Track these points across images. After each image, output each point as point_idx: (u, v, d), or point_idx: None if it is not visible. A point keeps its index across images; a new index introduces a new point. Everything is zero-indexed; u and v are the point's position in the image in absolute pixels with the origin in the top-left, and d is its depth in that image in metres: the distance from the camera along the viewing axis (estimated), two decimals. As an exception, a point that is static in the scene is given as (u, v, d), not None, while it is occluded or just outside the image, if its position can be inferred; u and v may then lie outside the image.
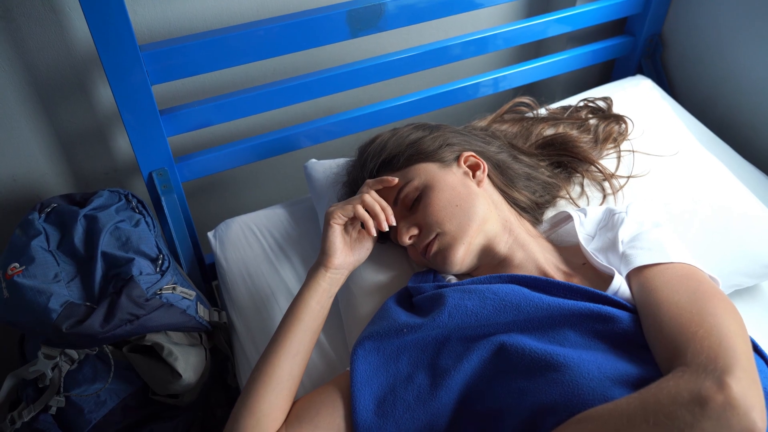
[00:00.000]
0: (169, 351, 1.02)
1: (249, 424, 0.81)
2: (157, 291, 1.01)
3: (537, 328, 0.81)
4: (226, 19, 1.23)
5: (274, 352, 0.86)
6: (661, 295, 0.78)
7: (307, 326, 0.89)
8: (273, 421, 0.82)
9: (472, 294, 0.84)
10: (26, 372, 1.00)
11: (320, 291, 0.91)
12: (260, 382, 0.83)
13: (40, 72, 1.14)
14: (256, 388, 0.83)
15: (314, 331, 0.90)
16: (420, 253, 0.95)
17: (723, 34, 1.43)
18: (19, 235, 1.05)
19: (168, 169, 1.16)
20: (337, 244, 0.92)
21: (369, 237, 0.96)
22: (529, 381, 0.74)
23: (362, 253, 0.96)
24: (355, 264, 0.96)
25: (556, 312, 0.80)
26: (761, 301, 1.15)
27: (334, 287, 0.93)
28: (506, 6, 1.53)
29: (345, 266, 0.93)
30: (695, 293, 0.77)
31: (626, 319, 0.79)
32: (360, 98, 1.49)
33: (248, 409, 0.82)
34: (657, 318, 0.75)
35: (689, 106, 1.51)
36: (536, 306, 0.81)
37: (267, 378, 0.83)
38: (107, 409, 1.03)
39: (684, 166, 1.17)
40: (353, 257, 0.95)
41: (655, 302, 0.77)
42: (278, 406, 0.83)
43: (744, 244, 1.10)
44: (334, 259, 0.91)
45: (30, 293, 0.95)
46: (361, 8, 1.14)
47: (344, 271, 0.94)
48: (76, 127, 1.24)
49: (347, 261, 0.94)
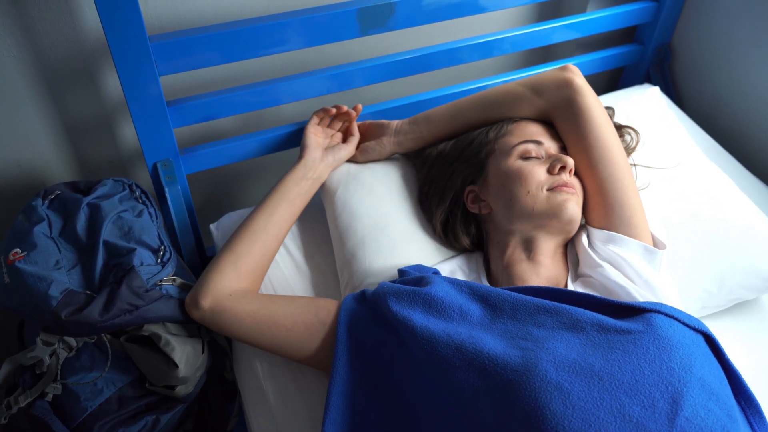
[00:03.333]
0: (166, 341, 1.02)
1: (229, 258, 0.99)
2: (158, 282, 1.01)
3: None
4: (236, 13, 1.23)
5: (252, 213, 1.04)
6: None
7: (282, 196, 1.06)
8: (248, 267, 0.99)
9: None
10: (24, 358, 1.00)
11: (294, 173, 1.09)
12: (239, 232, 1.02)
13: (49, 59, 1.14)
14: (235, 234, 1.02)
15: (289, 201, 1.06)
16: (563, 182, 0.96)
17: (732, 45, 1.42)
18: (21, 221, 1.05)
19: (173, 160, 1.16)
20: (310, 141, 1.13)
21: (344, 146, 1.15)
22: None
23: (340, 152, 1.14)
24: (332, 161, 1.13)
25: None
26: (761, 315, 1.15)
27: (310, 173, 1.10)
28: (517, 10, 1.53)
29: (317, 158, 1.12)
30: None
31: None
32: (366, 97, 1.49)
33: (228, 248, 1.00)
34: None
35: (696, 116, 1.51)
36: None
37: (244, 228, 1.02)
38: (103, 398, 1.03)
39: (687, 176, 1.17)
40: (329, 154, 1.13)
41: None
42: (253, 254, 1.00)
43: (745, 257, 1.10)
44: (306, 151, 1.12)
45: (30, 279, 0.96)
46: (372, 6, 1.14)
47: (317, 163, 1.11)
48: (83, 115, 1.24)
49: (320, 154, 1.12)
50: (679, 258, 1.08)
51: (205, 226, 1.35)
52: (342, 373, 0.87)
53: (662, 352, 0.74)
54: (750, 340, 1.10)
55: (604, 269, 0.91)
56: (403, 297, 0.87)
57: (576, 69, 1.04)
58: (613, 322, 0.78)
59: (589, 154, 0.98)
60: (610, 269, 0.91)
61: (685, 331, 0.78)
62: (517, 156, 1.00)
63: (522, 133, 1.03)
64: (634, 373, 0.72)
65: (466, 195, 1.05)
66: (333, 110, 1.15)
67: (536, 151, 1.00)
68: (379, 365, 0.87)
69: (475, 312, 0.84)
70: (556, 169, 0.96)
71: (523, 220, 0.96)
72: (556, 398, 0.69)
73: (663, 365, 0.72)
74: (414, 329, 0.83)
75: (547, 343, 0.76)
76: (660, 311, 0.79)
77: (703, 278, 1.09)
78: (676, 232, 1.10)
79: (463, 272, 1.01)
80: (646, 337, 0.75)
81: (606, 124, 1.00)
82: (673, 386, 0.71)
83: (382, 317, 0.88)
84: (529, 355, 0.74)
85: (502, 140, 1.04)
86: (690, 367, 0.72)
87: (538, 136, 1.02)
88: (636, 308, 0.81)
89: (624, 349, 0.74)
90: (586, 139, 0.99)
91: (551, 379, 0.71)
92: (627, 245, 0.94)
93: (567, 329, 0.79)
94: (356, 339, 0.89)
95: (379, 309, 0.89)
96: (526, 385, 0.71)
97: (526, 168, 0.97)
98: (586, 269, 0.95)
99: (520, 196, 0.95)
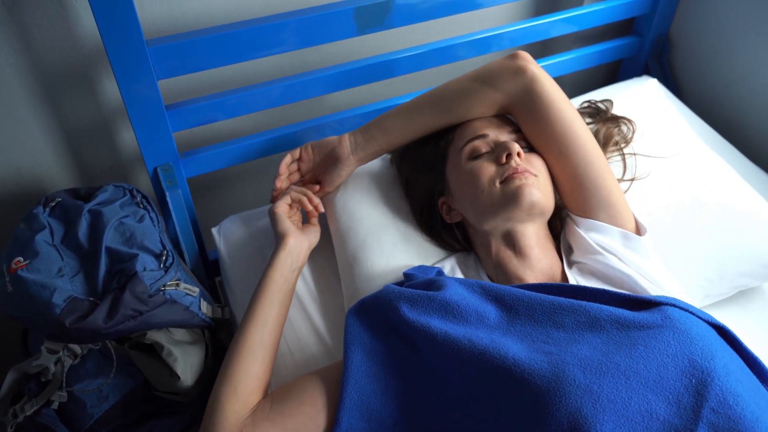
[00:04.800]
0: (168, 351, 1.02)
1: (227, 391, 0.86)
2: (161, 287, 1.01)
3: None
4: (233, 14, 1.23)
5: (245, 324, 0.93)
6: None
7: (274, 298, 0.96)
8: (251, 389, 0.87)
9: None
10: (29, 366, 1.00)
11: (281, 265, 0.99)
12: (234, 352, 0.90)
13: (47, 65, 1.14)
14: (230, 358, 0.90)
15: (281, 302, 0.96)
16: (512, 169, 0.93)
17: (731, 35, 1.42)
18: (23, 229, 1.05)
19: (173, 164, 1.16)
20: (287, 225, 1.03)
21: (315, 228, 1.08)
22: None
23: (313, 237, 1.07)
24: (309, 245, 1.05)
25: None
26: (764, 303, 1.15)
27: (296, 263, 1.01)
28: (513, 5, 1.53)
29: (300, 245, 1.02)
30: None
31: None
32: (365, 96, 1.49)
33: (225, 378, 0.87)
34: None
35: (695, 108, 1.50)
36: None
37: (239, 348, 0.90)
38: (109, 404, 1.03)
39: (688, 165, 1.16)
40: (306, 239, 1.05)
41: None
42: (254, 374, 0.88)
43: (748, 244, 1.09)
44: (288, 237, 1.01)
45: (33, 287, 0.95)
46: (369, 5, 1.14)
47: (300, 251, 1.02)
48: (82, 120, 1.24)
49: (301, 240, 1.03)
50: (680, 246, 1.08)
51: (206, 229, 1.34)
52: (355, 384, 0.84)
53: (683, 345, 0.73)
54: (752, 329, 1.10)
55: (605, 257, 0.91)
56: (417, 303, 0.85)
57: (527, 55, 1.00)
58: (631, 317, 0.78)
59: (557, 142, 0.96)
60: (611, 257, 0.91)
61: (700, 324, 0.78)
62: (466, 158, 0.98)
63: (465, 134, 1.01)
64: (659, 369, 0.71)
65: (441, 207, 1.04)
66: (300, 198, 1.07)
67: (485, 146, 0.98)
68: (392, 374, 0.85)
69: (491, 314, 0.83)
70: (503, 159, 0.94)
71: (490, 218, 0.94)
72: (586, 402, 0.69)
73: (685, 359, 0.72)
74: (434, 337, 0.81)
75: (570, 346, 0.76)
76: (675, 305, 0.79)
77: (705, 267, 1.08)
78: (677, 220, 1.10)
79: (462, 270, 1.01)
80: (666, 331, 0.75)
81: (569, 108, 0.98)
82: (697, 378, 0.71)
83: (392, 325, 0.86)
84: (555, 360, 0.74)
85: (451, 146, 1.02)
86: (712, 357, 0.72)
87: (482, 130, 1.00)
88: (651, 302, 0.80)
89: (646, 344, 0.74)
90: (551, 126, 0.96)
91: (580, 383, 0.70)
92: (608, 233, 0.94)
93: (587, 329, 0.78)
94: (364, 350, 0.87)
95: (390, 317, 0.86)
96: (556, 391, 0.70)
97: (475, 168, 0.96)
98: (580, 256, 0.95)
99: (477, 196, 0.94)
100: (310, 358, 1.04)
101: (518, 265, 0.94)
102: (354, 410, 0.82)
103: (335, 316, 1.09)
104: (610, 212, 0.95)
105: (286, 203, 1.06)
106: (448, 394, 0.80)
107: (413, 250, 1.05)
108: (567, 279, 0.93)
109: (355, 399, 0.82)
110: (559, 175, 0.98)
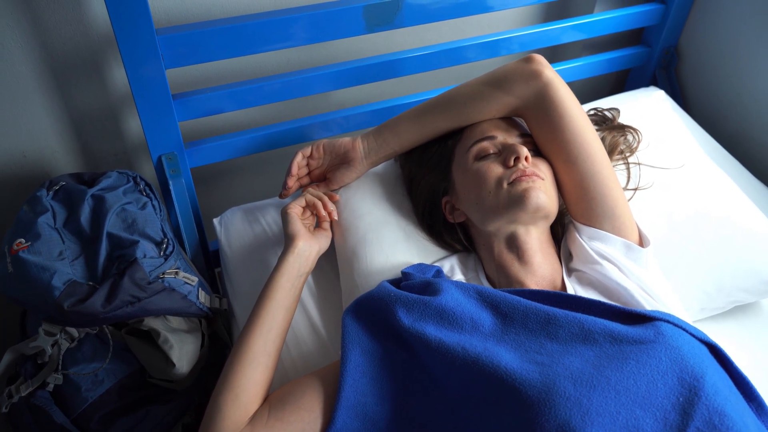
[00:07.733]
0: (164, 338, 1.02)
1: (228, 398, 0.84)
2: (160, 275, 1.02)
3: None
4: (243, 7, 1.23)
5: (249, 329, 0.91)
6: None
7: (279, 303, 0.93)
8: (252, 397, 0.85)
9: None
10: (26, 347, 1.00)
11: (289, 269, 0.96)
12: (237, 358, 0.88)
13: (56, 50, 1.15)
14: (232, 364, 0.87)
15: (286, 308, 0.94)
16: (520, 172, 0.93)
17: (739, 49, 1.42)
18: (26, 211, 1.06)
19: (177, 153, 1.16)
20: (298, 227, 1.00)
21: (326, 232, 1.06)
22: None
23: (323, 242, 1.04)
24: (318, 250, 1.03)
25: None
26: (761, 319, 1.15)
27: (303, 268, 0.98)
28: (524, 10, 1.53)
29: (309, 249, 1.00)
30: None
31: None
32: (372, 94, 1.49)
33: (227, 385, 0.86)
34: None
35: (701, 120, 1.50)
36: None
37: (243, 354, 0.88)
38: (104, 389, 1.04)
39: (691, 178, 1.16)
40: (317, 243, 1.02)
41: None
42: (256, 381, 0.87)
43: (747, 259, 1.10)
44: (298, 240, 0.98)
45: (34, 269, 0.96)
46: (379, 4, 1.14)
47: (310, 255, 1.00)
48: (89, 106, 1.25)
49: (311, 244, 1.00)
50: (680, 258, 1.08)
51: (208, 219, 1.35)
52: (352, 383, 0.84)
53: (674, 362, 0.73)
54: (749, 344, 1.10)
55: (604, 267, 0.91)
56: (413, 308, 0.85)
57: (542, 59, 0.98)
58: (624, 331, 0.78)
59: (566, 150, 0.96)
60: (610, 268, 0.91)
61: (692, 341, 0.78)
62: (473, 158, 0.98)
63: (473, 134, 1.01)
64: (648, 385, 0.72)
65: (444, 206, 1.04)
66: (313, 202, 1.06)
67: (492, 147, 0.97)
68: (388, 375, 0.85)
69: (486, 321, 0.83)
70: (511, 162, 0.93)
71: (495, 219, 0.94)
72: (575, 414, 0.69)
73: (675, 376, 0.72)
74: (429, 343, 0.81)
75: (562, 358, 0.76)
76: (668, 321, 0.79)
77: (703, 279, 1.09)
78: (678, 232, 1.10)
79: (462, 270, 1.01)
80: (658, 347, 0.75)
81: (581, 116, 0.97)
82: (685, 397, 0.71)
83: (389, 327, 0.86)
84: (546, 372, 0.74)
85: (459, 146, 1.02)
86: (702, 376, 0.72)
87: (490, 132, 0.99)
88: (645, 317, 0.81)
89: (638, 360, 0.74)
90: (563, 133, 0.95)
91: (570, 395, 0.71)
92: (610, 242, 0.94)
93: (580, 341, 0.78)
94: (362, 350, 0.87)
95: (387, 320, 0.86)
96: (546, 402, 0.71)
97: (482, 168, 0.95)
98: (579, 264, 0.95)
99: (484, 197, 0.94)
100: (306, 353, 1.04)
101: (520, 271, 0.94)
102: (350, 410, 0.82)
103: (332, 312, 1.09)
104: (614, 222, 0.94)
105: (300, 205, 1.04)
106: (442, 399, 0.81)
107: (413, 247, 1.06)
108: (566, 287, 0.93)
109: (352, 399, 0.83)
110: (565, 182, 0.98)
